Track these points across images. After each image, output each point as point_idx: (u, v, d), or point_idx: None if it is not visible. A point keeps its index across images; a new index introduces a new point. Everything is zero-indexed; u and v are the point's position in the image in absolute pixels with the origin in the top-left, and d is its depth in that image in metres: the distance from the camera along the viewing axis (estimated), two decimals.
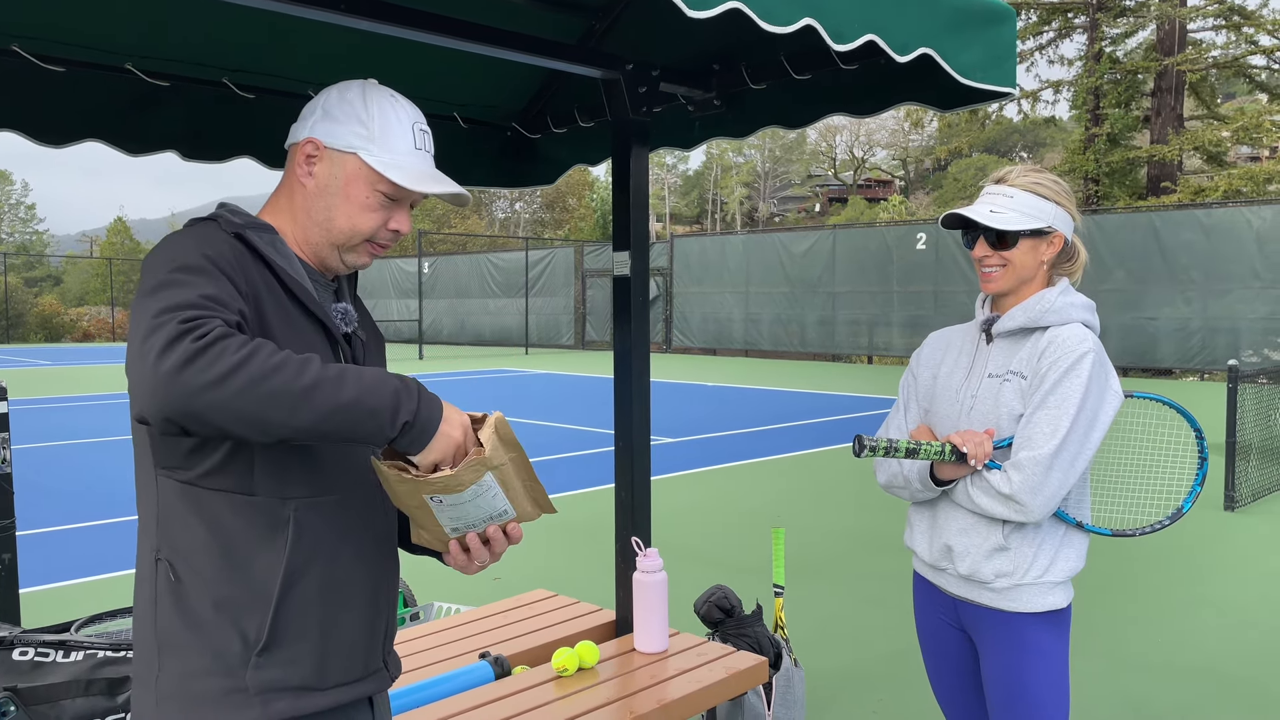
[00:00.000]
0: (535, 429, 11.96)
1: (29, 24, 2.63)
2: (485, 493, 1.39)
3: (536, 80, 3.62)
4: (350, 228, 1.54)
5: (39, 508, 7.49)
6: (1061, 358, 1.98)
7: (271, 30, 2.92)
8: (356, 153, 1.52)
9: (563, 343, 30.42)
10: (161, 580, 1.43)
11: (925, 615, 2.29)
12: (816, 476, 8.82)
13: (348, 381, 1.28)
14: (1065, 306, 2.06)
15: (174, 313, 1.27)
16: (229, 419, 1.23)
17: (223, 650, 1.41)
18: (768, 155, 64.63)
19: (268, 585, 1.42)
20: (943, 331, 2.32)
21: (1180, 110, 24.98)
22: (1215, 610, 5.03)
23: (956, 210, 2.07)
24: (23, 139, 2.80)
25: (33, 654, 2.10)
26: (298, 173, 1.54)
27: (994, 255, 2.07)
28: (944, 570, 2.16)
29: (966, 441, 2.01)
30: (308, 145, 1.53)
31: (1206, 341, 18.00)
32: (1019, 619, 2.06)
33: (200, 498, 1.41)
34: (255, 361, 1.23)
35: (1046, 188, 2.07)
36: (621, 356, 3.04)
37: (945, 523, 2.14)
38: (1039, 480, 1.94)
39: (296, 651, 1.45)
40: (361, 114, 1.54)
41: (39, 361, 25.71)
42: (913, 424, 2.25)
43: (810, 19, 1.97)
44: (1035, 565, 2.04)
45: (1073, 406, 1.95)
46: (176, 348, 1.22)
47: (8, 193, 64.80)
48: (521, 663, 2.88)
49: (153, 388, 1.22)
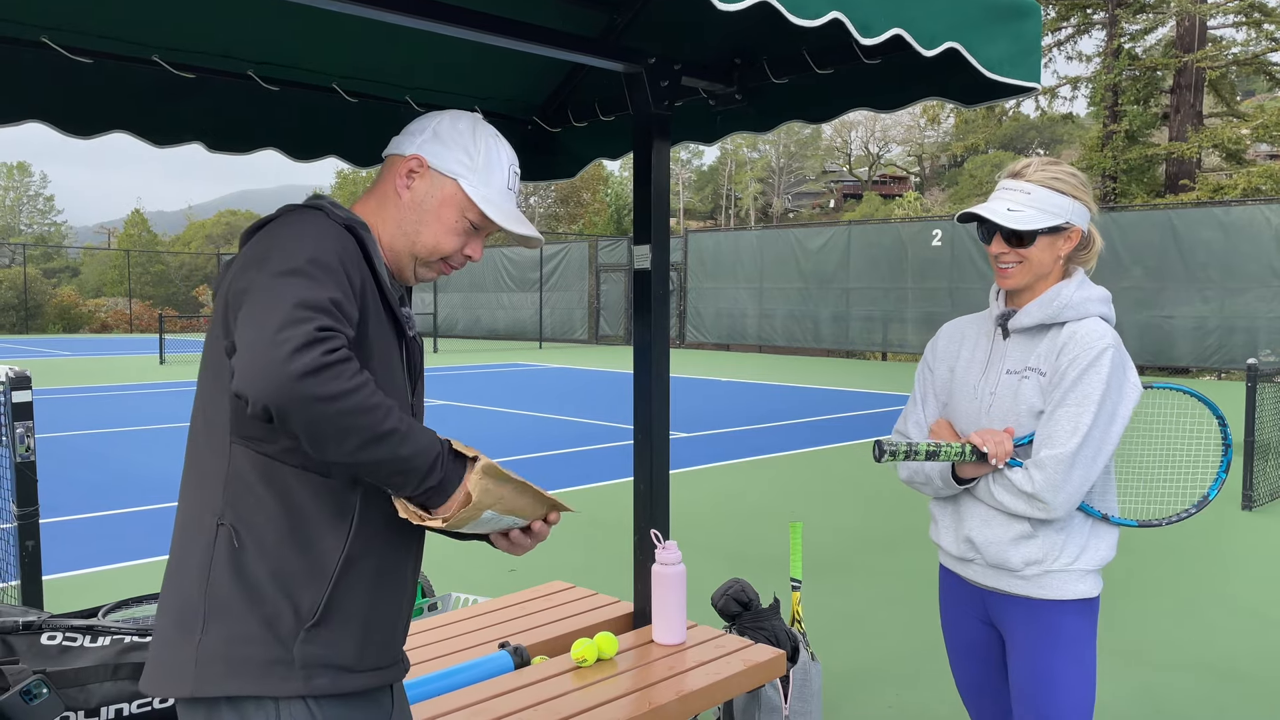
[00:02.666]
0: (549, 423, 11.99)
1: (58, 17, 2.66)
2: (489, 520, 1.51)
3: (558, 74, 3.63)
4: (434, 245, 1.64)
5: (60, 496, 7.55)
6: (1081, 354, 1.98)
7: (296, 23, 2.94)
8: (458, 179, 1.63)
9: (576, 337, 30.44)
10: (221, 544, 1.46)
11: (951, 608, 2.29)
12: (831, 472, 8.82)
13: (409, 440, 1.39)
14: (1082, 301, 2.05)
15: (312, 312, 1.34)
16: (309, 430, 1.32)
17: (274, 620, 1.45)
18: (782, 151, 64.46)
19: (328, 564, 1.48)
20: (956, 322, 2.30)
21: (1199, 107, 24.79)
22: (1232, 608, 5.01)
23: (972, 210, 2.06)
24: (50, 129, 2.82)
25: (61, 638, 2.13)
26: (396, 183, 1.64)
27: (1011, 252, 2.05)
28: (971, 561, 2.16)
29: (986, 441, 2.01)
30: (412, 160, 1.63)
31: (1224, 340, 17.88)
32: (1048, 606, 2.05)
33: (276, 471, 1.46)
34: (359, 395, 1.33)
35: (1064, 182, 2.05)
36: (641, 349, 3.05)
37: (967, 516, 2.14)
38: (1061, 478, 1.94)
39: (343, 632, 1.50)
40: (469, 145, 1.64)
41: (58, 352, 25.91)
42: (931, 418, 2.24)
43: (838, 12, 1.96)
44: (1065, 552, 2.04)
45: (1093, 403, 1.94)
46: (309, 353, 1.30)
47: (26, 184, 65.29)
48: (540, 653, 2.90)
49: (272, 379, 1.29)
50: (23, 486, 3.45)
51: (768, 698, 3.20)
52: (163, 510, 7.18)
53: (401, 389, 1.59)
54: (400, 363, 1.60)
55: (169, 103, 2.96)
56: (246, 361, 1.31)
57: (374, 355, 1.52)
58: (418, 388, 1.69)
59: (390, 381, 1.55)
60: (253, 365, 1.30)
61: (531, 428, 11.53)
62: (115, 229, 66.95)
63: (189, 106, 3.00)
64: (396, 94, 3.39)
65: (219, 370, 1.49)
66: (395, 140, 1.69)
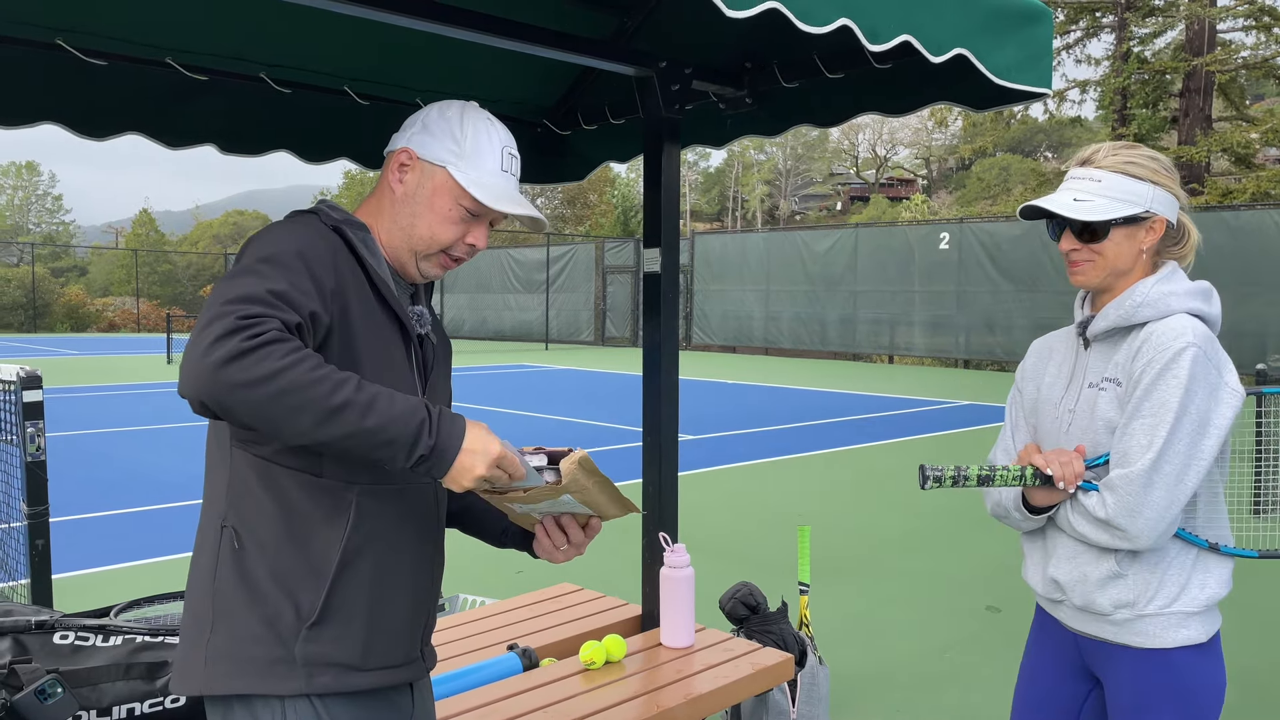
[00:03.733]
0: (556, 424, 12.00)
1: (72, 19, 2.68)
2: (565, 504, 1.58)
3: (568, 77, 3.64)
4: (430, 236, 1.62)
5: (69, 495, 7.58)
6: (1156, 357, 1.72)
7: (308, 25, 2.96)
8: (446, 166, 1.62)
9: (583, 339, 30.45)
10: (225, 547, 1.50)
11: (1037, 655, 2.02)
12: (837, 475, 8.81)
13: (376, 409, 1.33)
14: (1163, 297, 1.79)
15: (238, 305, 1.34)
16: (255, 417, 1.31)
17: (275, 619, 1.47)
18: (789, 153, 64.44)
19: (325, 562, 1.49)
20: (1044, 339, 2.06)
21: (1209, 111, 24.71)
22: (1242, 617, 4.99)
23: (1034, 203, 1.82)
24: (62, 130, 2.84)
25: (73, 638, 2.14)
26: (390, 179, 1.64)
27: (1083, 249, 1.81)
28: (1060, 603, 1.90)
29: (1051, 462, 1.77)
30: (402, 154, 1.63)
31: (1233, 344, 17.77)
32: (1151, 657, 1.78)
33: (271, 473, 1.49)
34: (293, 372, 1.30)
35: (1141, 166, 1.80)
36: (650, 352, 3.06)
37: (1054, 551, 1.89)
38: (1137, 501, 1.69)
39: (345, 630, 1.50)
40: (456, 131, 1.63)
41: (65, 351, 26.00)
42: (1021, 444, 1.97)
43: (846, 19, 1.97)
44: (1162, 593, 1.77)
45: (1170, 413, 1.68)
46: (227, 343, 1.30)
47: (35, 183, 65.54)
48: (548, 655, 2.91)
49: (196, 374, 1.31)
50: (33, 486, 3.46)
51: (775, 701, 3.21)
52: (171, 510, 7.21)
53: (409, 387, 1.59)
54: (406, 361, 1.60)
55: (182, 104, 2.98)
56: (181, 363, 1.34)
57: (363, 353, 1.51)
58: (430, 385, 1.68)
59: (391, 379, 1.54)
60: (184, 365, 1.32)
61: (538, 429, 11.54)
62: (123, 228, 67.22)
63: (201, 108, 3.02)
64: (408, 96, 3.40)
65: None
66: (393, 138, 1.70)
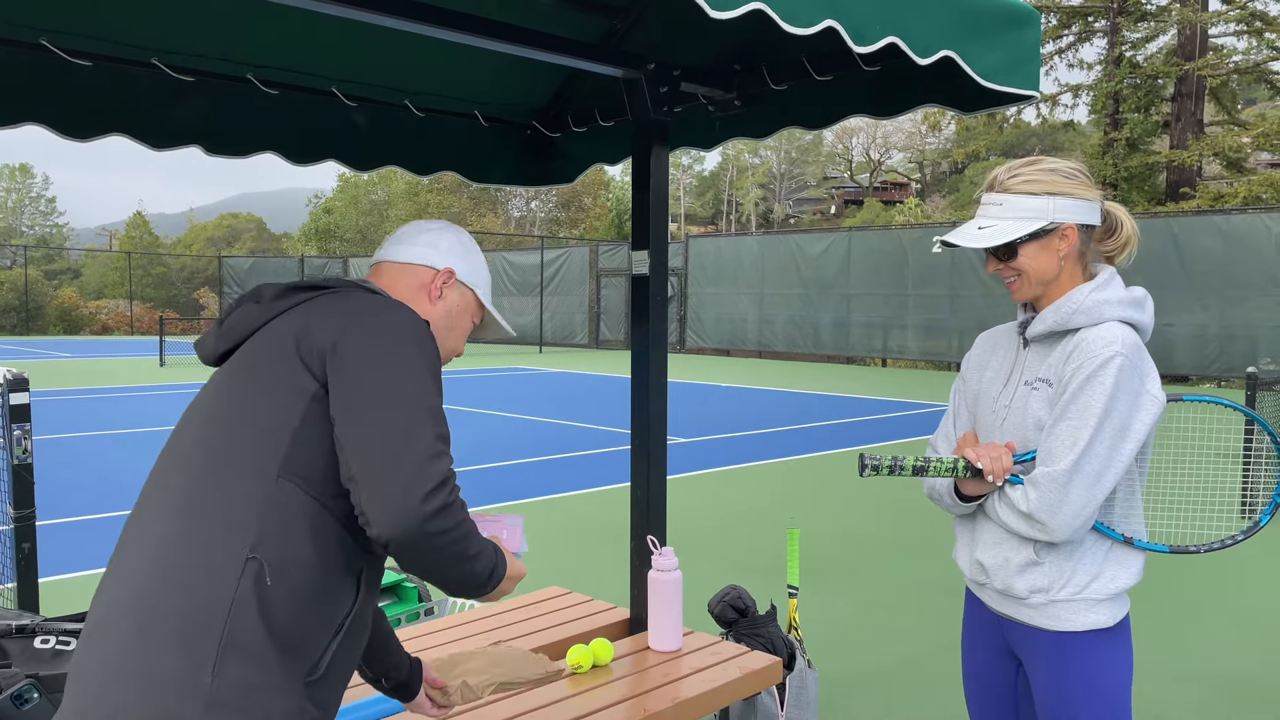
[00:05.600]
0: (548, 427, 11.98)
1: (58, 19, 2.66)
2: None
3: (557, 79, 3.64)
4: (454, 349, 1.80)
5: (57, 498, 7.55)
6: (1086, 363, 1.82)
7: (295, 26, 2.94)
8: (475, 289, 1.80)
9: (577, 341, 30.44)
10: (248, 579, 1.35)
11: (970, 634, 2.16)
12: (829, 479, 8.81)
13: (483, 556, 1.49)
14: (1097, 305, 1.88)
15: (445, 445, 1.42)
16: (420, 562, 1.40)
17: (298, 671, 1.39)
18: (783, 157, 64.49)
19: (337, 619, 1.46)
20: (990, 333, 2.16)
21: (1200, 116, 24.80)
22: (1231, 618, 5.00)
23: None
24: (48, 132, 2.82)
25: (54, 642, 2.13)
26: (431, 293, 1.74)
27: (1004, 269, 1.93)
28: (984, 585, 2.03)
29: (982, 456, 1.88)
30: (445, 273, 1.75)
31: (1224, 348, 17.87)
32: (1061, 639, 1.90)
33: (322, 517, 1.43)
34: (464, 527, 1.42)
35: (1037, 181, 1.89)
36: (639, 355, 3.05)
37: (980, 537, 2.01)
38: (1056, 498, 1.80)
39: (333, 684, 1.48)
40: (479, 257, 1.83)
41: (58, 354, 25.91)
42: (961, 432, 2.10)
43: (832, 20, 1.96)
44: (1074, 580, 1.88)
45: (1094, 417, 1.79)
46: (440, 494, 1.37)
47: (29, 186, 65.33)
48: None
49: (408, 521, 1.35)
50: (19, 488, 3.44)
51: (764, 705, 3.20)
52: None
53: None
54: None
55: (167, 106, 2.96)
56: (382, 494, 1.35)
57: None
58: None
59: None
60: (389, 503, 1.35)
61: (531, 432, 11.53)
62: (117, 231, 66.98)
63: (187, 109, 3.00)
64: (395, 98, 3.40)
65: (278, 400, 1.46)
66: (407, 249, 1.76)
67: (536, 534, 6.72)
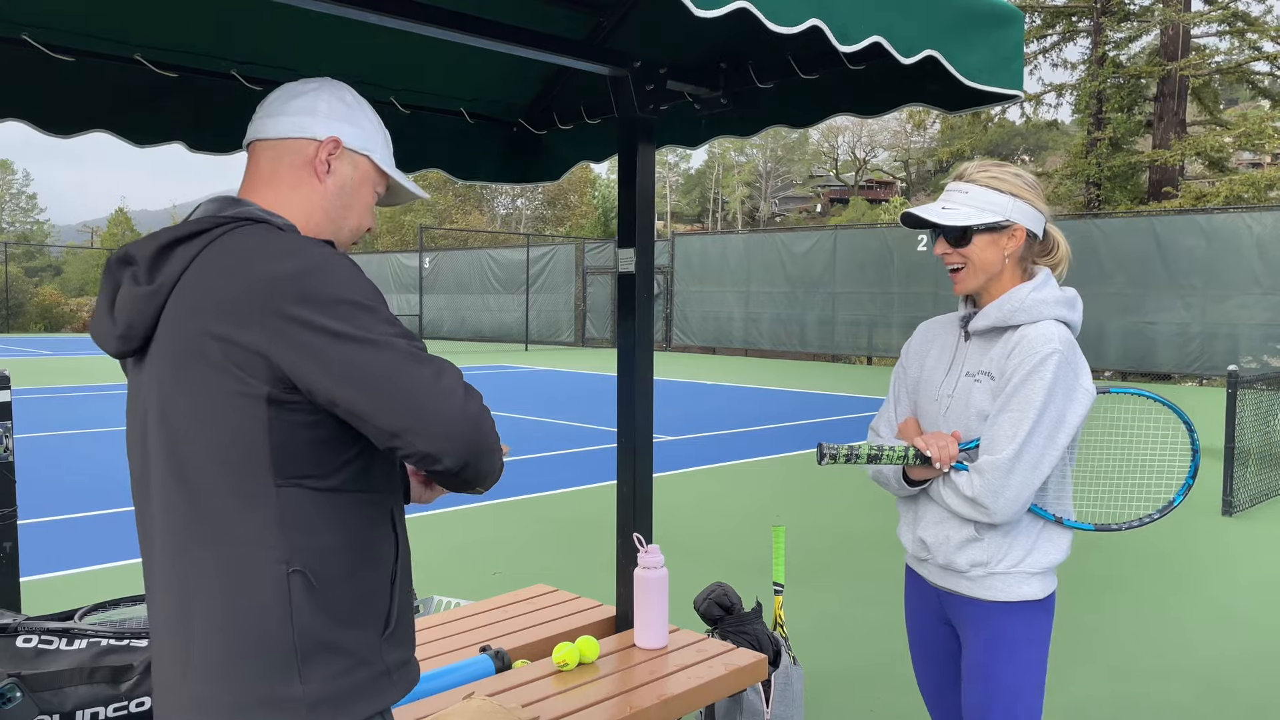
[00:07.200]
0: (534, 425, 11.97)
1: (39, 13, 2.64)
2: None
3: (543, 76, 3.63)
4: (358, 227, 1.59)
5: (39, 497, 7.49)
6: (1026, 359, 1.97)
7: (280, 23, 2.93)
8: (369, 155, 1.57)
9: (563, 339, 30.40)
10: (297, 591, 1.37)
11: (912, 607, 2.31)
12: (815, 476, 8.83)
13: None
14: (1037, 304, 2.03)
15: (430, 355, 1.38)
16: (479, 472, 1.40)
17: (369, 639, 1.45)
18: (770, 155, 64.57)
19: (389, 571, 1.49)
20: (931, 322, 2.30)
21: (1183, 115, 24.96)
22: (1211, 614, 5.04)
23: (911, 210, 2.06)
24: (29, 128, 2.80)
25: (36, 641, 2.11)
26: (318, 170, 1.52)
27: (954, 253, 2.07)
28: (925, 561, 2.18)
29: (930, 444, 2.02)
30: (329, 144, 1.52)
31: (1206, 347, 18.00)
32: (994, 608, 2.07)
33: (337, 502, 1.41)
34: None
35: (1004, 181, 2.05)
36: (625, 353, 3.05)
37: (923, 516, 2.16)
38: (999, 484, 1.95)
39: (404, 626, 1.53)
40: (369, 116, 1.59)
41: (39, 351, 25.70)
42: (902, 417, 2.24)
43: (817, 20, 1.97)
44: (1010, 555, 2.04)
45: (1034, 409, 1.94)
46: (470, 396, 1.36)
47: (9, 182, 64.73)
48: (522, 657, 2.90)
49: (469, 434, 1.35)
50: (1, 487, 3.42)
51: (749, 702, 3.21)
52: None
53: None
54: None
55: (150, 102, 2.94)
56: (442, 432, 1.33)
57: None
58: None
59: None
60: (450, 431, 1.33)
61: (517, 430, 11.51)
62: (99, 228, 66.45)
63: (171, 106, 2.98)
64: (382, 95, 3.38)
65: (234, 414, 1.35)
66: (277, 122, 1.52)
67: (523, 532, 6.71)
